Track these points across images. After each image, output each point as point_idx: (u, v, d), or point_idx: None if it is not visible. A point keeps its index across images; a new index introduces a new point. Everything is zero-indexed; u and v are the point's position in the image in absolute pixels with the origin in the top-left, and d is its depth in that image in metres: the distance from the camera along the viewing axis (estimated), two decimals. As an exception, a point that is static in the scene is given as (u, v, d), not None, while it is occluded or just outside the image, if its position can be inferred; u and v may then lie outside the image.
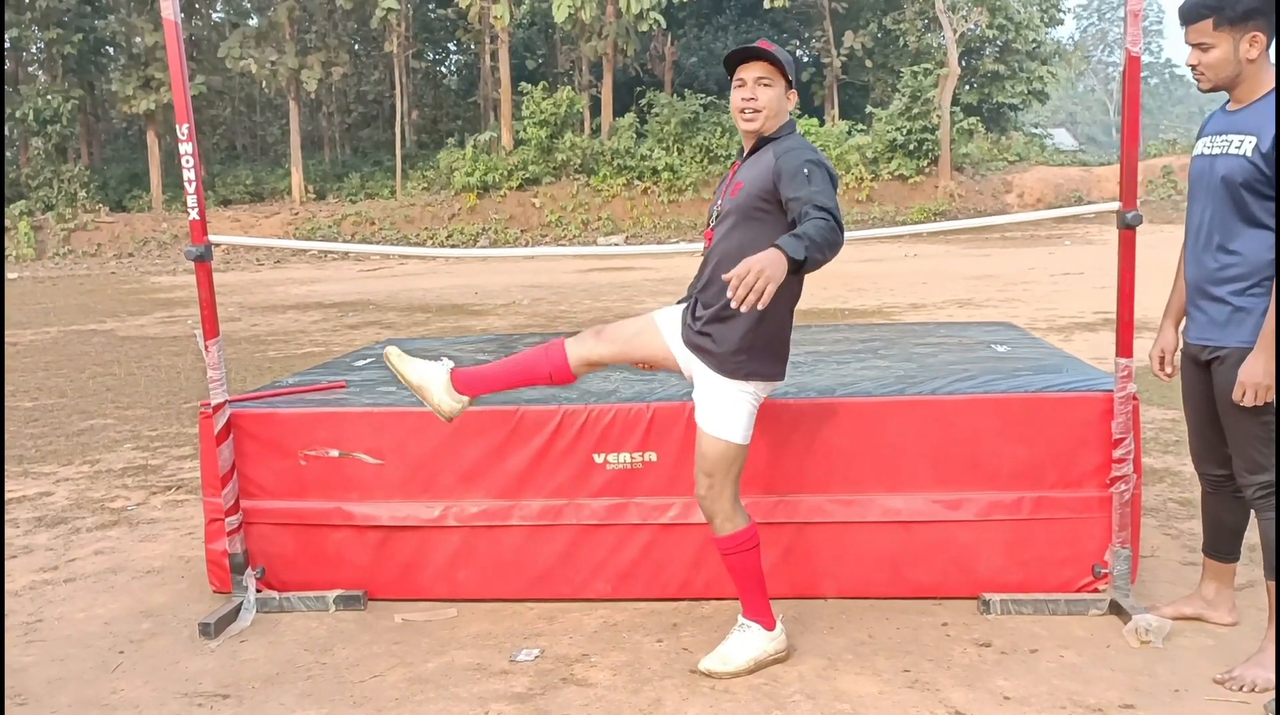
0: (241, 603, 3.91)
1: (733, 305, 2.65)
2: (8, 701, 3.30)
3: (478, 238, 32.29)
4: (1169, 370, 3.51)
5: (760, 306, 2.63)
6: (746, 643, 3.34)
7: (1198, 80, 3.26)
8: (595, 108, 36.29)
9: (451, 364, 3.49)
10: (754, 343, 3.18)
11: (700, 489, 3.28)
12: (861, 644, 3.49)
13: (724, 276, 2.70)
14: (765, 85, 3.17)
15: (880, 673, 3.29)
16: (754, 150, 3.24)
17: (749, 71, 3.18)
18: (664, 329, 3.41)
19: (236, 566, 3.97)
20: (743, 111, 3.19)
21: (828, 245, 2.79)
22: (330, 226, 32.93)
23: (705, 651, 3.44)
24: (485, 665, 3.44)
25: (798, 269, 2.72)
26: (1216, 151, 3.23)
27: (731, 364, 3.19)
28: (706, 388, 3.25)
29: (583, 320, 13.26)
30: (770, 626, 3.36)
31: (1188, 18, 3.20)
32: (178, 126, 3.78)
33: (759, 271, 2.61)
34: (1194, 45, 3.20)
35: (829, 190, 2.97)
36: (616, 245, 29.19)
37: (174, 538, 4.97)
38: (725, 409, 3.21)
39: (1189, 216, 3.38)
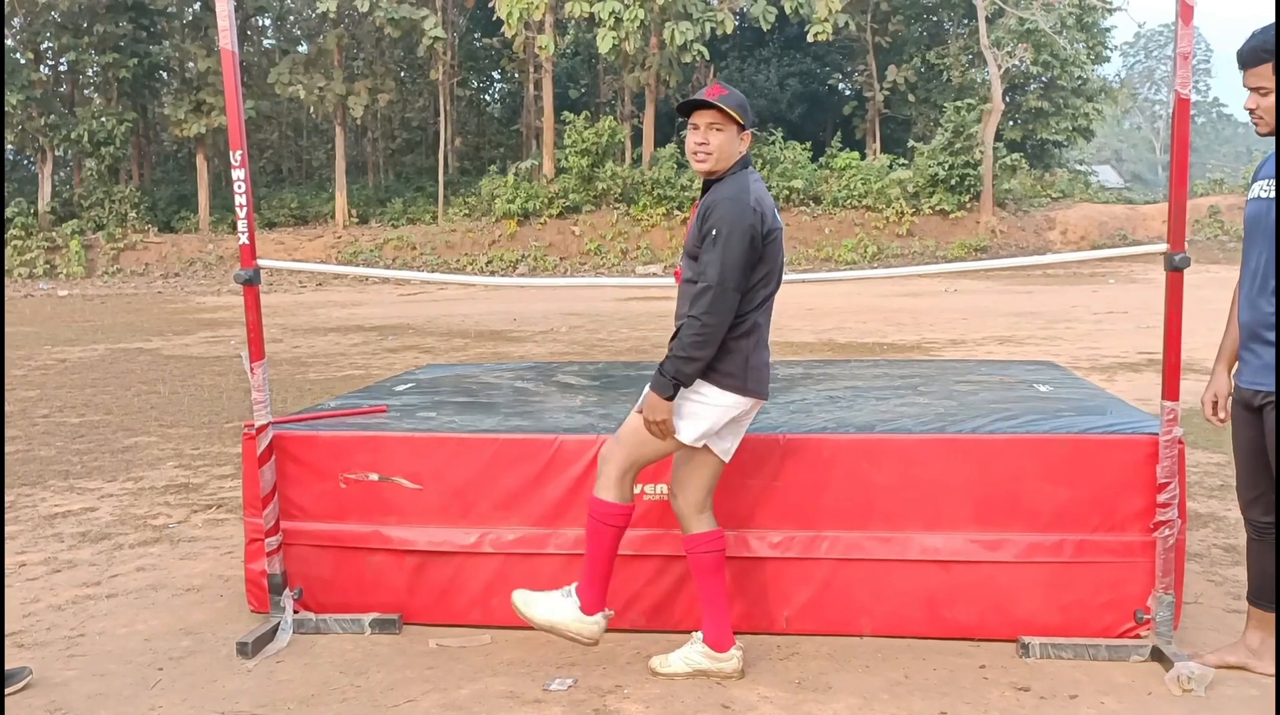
0: (279, 623, 3.94)
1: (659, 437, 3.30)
2: (49, 715, 3.35)
3: (517, 264, 32.50)
4: (1221, 415, 3.47)
5: (670, 436, 3.31)
6: (557, 607, 3.49)
7: (1255, 124, 3.24)
8: (637, 137, 36.53)
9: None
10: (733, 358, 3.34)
11: (609, 446, 3.51)
12: (898, 684, 3.45)
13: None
14: (717, 130, 3.33)
15: (916, 714, 3.25)
16: (705, 189, 3.42)
17: (702, 118, 3.34)
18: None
19: (275, 587, 4.00)
20: (695, 154, 3.39)
21: (700, 345, 3.21)
22: (372, 250, 33.30)
23: (738, 685, 3.43)
24: (518, 693, 3.44)
25: (677, 389, 3.24)
26: (1273, 195, 3.20)
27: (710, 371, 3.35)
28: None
29: (620, 349, 13.29)
30: (589, 612, 3.47)
31: (1247, 61, 3.19)
32: (231, 153, 3.86)
33: (648, 422, 3.29)
34: (1253, 89, 3.19)
35: (722, 258, 3.20)
36: (655, 275, 29.26)
37: (214, 556, 5.02)
38: (684, 410, 3.35)
39: (1244, 260, 3.34)
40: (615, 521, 3.45)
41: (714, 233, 3.24)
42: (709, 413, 3.35)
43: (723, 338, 3.24)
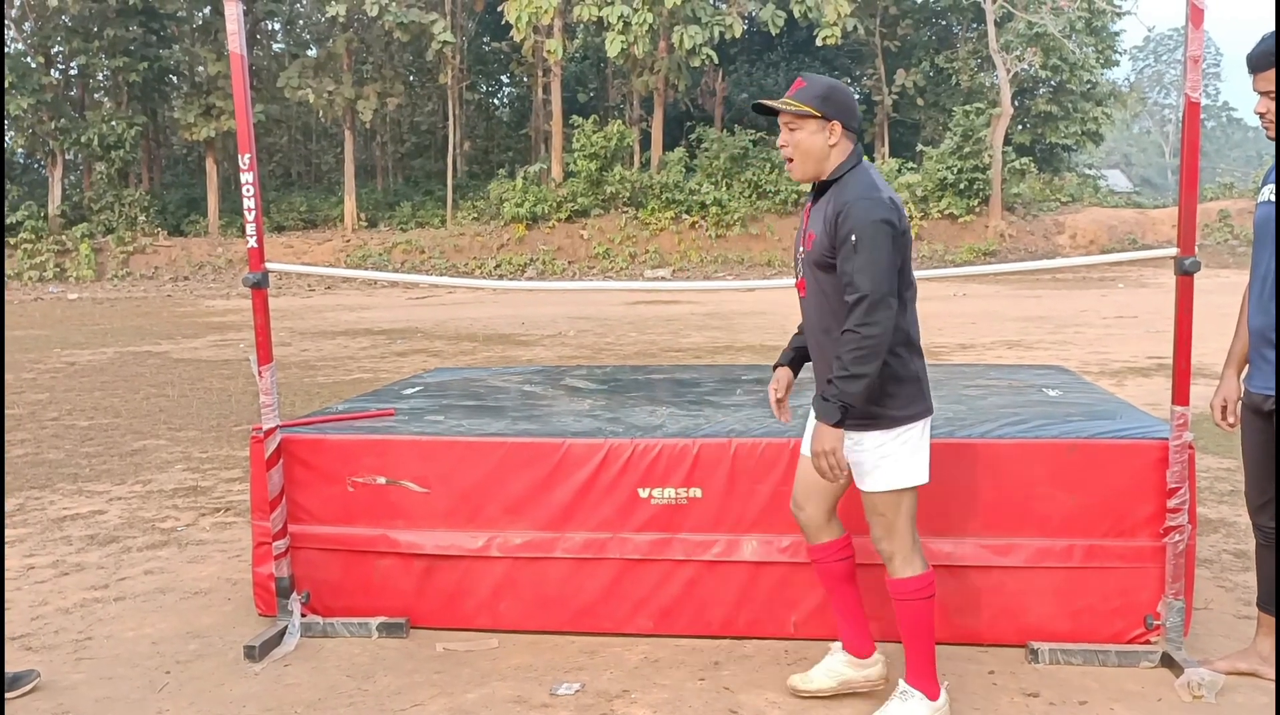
0: (286, 627, 3.94)
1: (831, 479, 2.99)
2: (56, 718, 3.35)
3: (525, 268, 32.54)
4: (1231, 420, 3.45)
5: (842, 469, 2.96)
6: (910, 711, 3.15)
7: (1266, 128, 3.22)
8: (645, 141, 36.56)
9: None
10: (880, 393, 3.03)
11: (875, 530, 3.16)
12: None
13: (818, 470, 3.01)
14: (792, 129, 3.11)
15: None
16: (820, 193, 3.15)
17: (780, 118, 3.14)
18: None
19: (283, 590, 4.00)
20: (785, 161, 3.19)
21: (862, 360, 2.89)
22: (381, 254, 33.36)
23: (746, 691, 3.42)
24: (526, 698, 3.43)
25: (845, 414, 2.93)
26: (1276, 199, 3.18)
27: (867, 419, 3.04)
28: (851, 450, 3.12)
29: (628, 352, 13.29)
30: (934, 696, 3.16)
31: (1257, 65, 3.18)
32: (240, 156, 3.86)
33: (821, 455, 2.96)
34: (1263, 93, 3.18)
35: (872, 264, 2.92)
36: (663, 279, 29.28)
37: (222, 560, 5.02)
38: (858, 458, 3.09)
39: (1254, 264, 3.33)
40: (932, 591, 3.16)
41: (853, 238, 2.93)
42: (900, 444, 3.07)
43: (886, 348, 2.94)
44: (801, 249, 3.19)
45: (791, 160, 3.13)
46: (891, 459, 3.07)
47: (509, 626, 3.95)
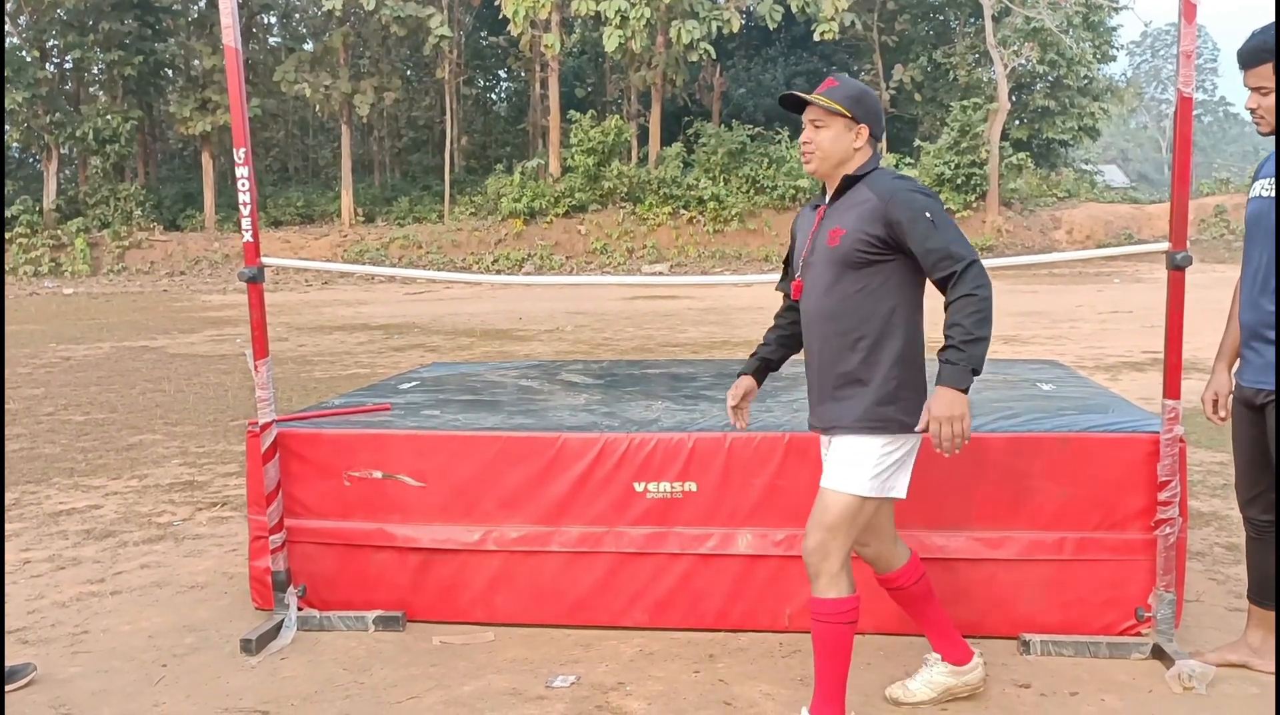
0: (283, 620, 3.96)
1: (945, 454, 2.82)
2: (53, 711, 3.36)
3: (523, 263, 32.56)
4: (1222, 414, 3.47)
5: (968, 436, 2.82)
6: None
7: (1257, 124, 3.24)
8: (643, 137, 36.57)
9: None
10: (892, 394, 2.97)
11: (812, 538, 2.99)
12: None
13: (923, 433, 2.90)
14: (818, 127, 3.05)
15: (917, 710, 3.26)
16: (841, 192, 3.06)
17: (808, 114, 3.07)
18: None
19: (279, 584, 4.02)
20: (804, 154, 3.11)
21: (983, 322, 2.83)
22: (378, 249, 33.36)
23: (741, 683, 3.44)
24: (521, 690, 3.45)
25: (972, 378, 2.83)
26: (1274, 194, 3.20)
27: (868, 419, 2.97)
28: (838, 447, 3.05)
29: (625, 348, 13.30)
30: None
31: (1247, 61, 3.19)
32: (235, 150, 3.86)
33: (947, 421, 2.80)
34: (1253, 89, 3.19)
35: (958, 234, 2.90)
36: (661, 274, 29.29)
37: (218, 554, 5.04)
38: (849, 459, 2.99)
39: (1246, 259, 3.35)
40: (850, 618, 2.97)
41: (927, 215, 2.88)
42: (883, 455, 2.98)
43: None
44: (815, 249, 3.07)
45: (810, 156, 3.08)
46: (874, 464, 2.97)
47: (505, 620, 3.96)
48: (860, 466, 2.98)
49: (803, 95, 3.06)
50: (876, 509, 3.05)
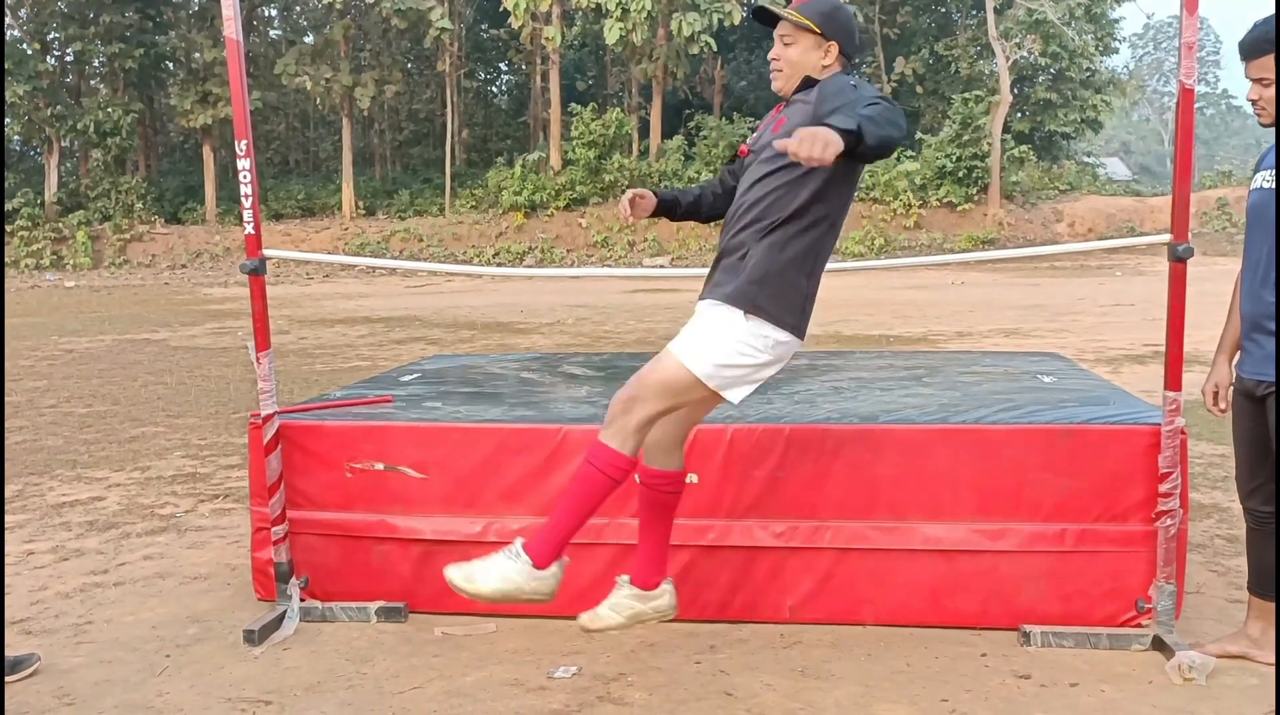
0: (285, 611, 3.97)
1: (800, 159, 2.51)
2: (57, 701, 3.37)
3: (524, 256, 32.55)
4: (1222, 406, 3.48)
5: (821, 162, 2.48)
6: (503, 567, 3.01)
7: (1258, 115, 3.24)
8: (644, 129, 36.52)
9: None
10: (765, 276, 2.92)
11: (622, 391, 3.00)
12: (899, 672, 3.47)
13: (777, 145, 2.64)
14: (787, 44, 3.03)
15: (917, 701, 3.27)
16: (799, 92, 3.04)
17: (776, 30, 3.06)
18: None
19: (281, 575, 4.03)
20: (772, 72, 3.09)
21: (886, 123, 2.62)
22: (379, 242, 33.37)
23: (741, 673, 3.45)
24: (523, 681, 3.46)
25: (854, 150, 2.55)
26: (1275, 186, 3.20)
27: (736, 295, 2.93)
28: (699, 313, 3.02)
29: (627, 340, 13.31)
30: (540, 565, 3.03)
31: (1249, 53, 3.19)
32: (236, 143, 3.86)
33: (810, 137, 2.49)
34: (1255, 80, 3.19)
35: (885, 105, 2.71)
36: (662, 267, 29.28)
37: (221, 545, 5.05)
38: (703, 332, 2.95)
39: (1247, 250, 3.35)
40: (616, 474, 2.98)
41: (853, 84, 2.84)
42: (754, 355, 2.93)
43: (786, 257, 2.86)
44: (759, 143, 3.07)
45: (779, 72, 3.05)
46: (714, 338, 2.91)
47: (506, 611, 3.97)
48: (712, 348, 2.93)
49: (772, 8, 3.03)
50: (699, 402, 3.00)
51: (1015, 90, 35.41)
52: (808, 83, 3.06)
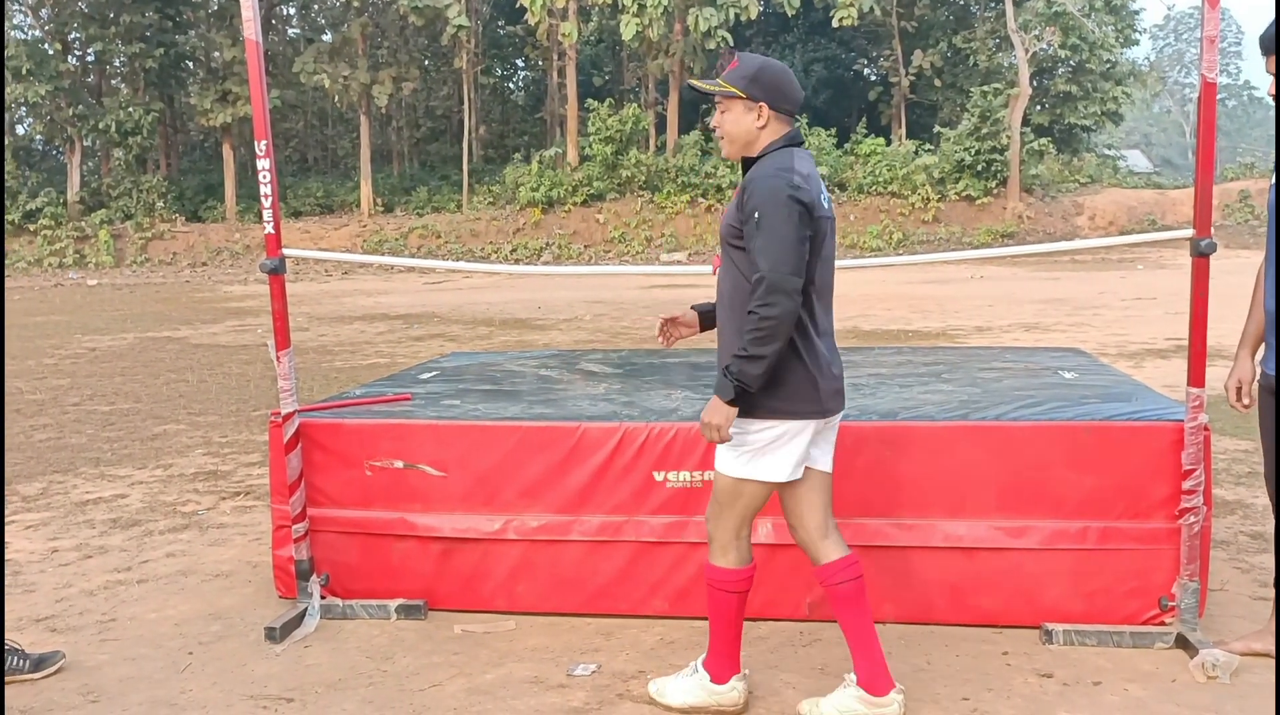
0: (306, 609, 3.99)
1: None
2: (82, 698, 3.40)
3: (541, 253, 32.57)
4: (1246, 401, 3.44)
5: (724, 437, 2.90)
6: (686, 687, 3.21)
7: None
8: (660, 125, 36.47)
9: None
10: (768, 381, 2.94)
11: (709, 510, 3.17)
12: (921, 670, 3.46)
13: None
14: (722, 111, 3.09)
15: (939, 700, 3.25)
16: (744, 173, 3.09)
17: (716, 99, 3.10)
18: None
19: (302, 573, 4.05)
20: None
21: (761, 341, 2.82)
22: (397, 239, 33.45)
23: (761, 671, 3.44)
24: (543, 678, 3.47)
25: (742, 394, 2.86)
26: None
27: (746, 402, 2.95)
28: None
29: (644, 337, 13.30)
30: (719, 681, 3.17)
31: (1269, 47, 3.16)
32: (256, 143, 3.87)
33: (708, 427, 2.90)
34: (1275, 75, 3.16)
35: (769, 243, 2.82)
36: (679, 263, 29.24)
37: (242, 543, 5.08)
38: (732, 444, 3.01)
39: (1270, 244, 3.31)
40: (738, 587, 3.12)
41: (755, 216, 2.85)
42: (761, 441, 3.00)
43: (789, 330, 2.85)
44: (724, 221, 3.13)
45: (721, 139, 3.10)
46: (745, 448, 3.00)
47: (526, 608, 3.98)
48: (730, 446, 3.03)
49: (695, 84, 3.12)
50: (769, 493, 3.07)
51: (1034, 83, 35.16)
52: (746, 163, 3.08)
